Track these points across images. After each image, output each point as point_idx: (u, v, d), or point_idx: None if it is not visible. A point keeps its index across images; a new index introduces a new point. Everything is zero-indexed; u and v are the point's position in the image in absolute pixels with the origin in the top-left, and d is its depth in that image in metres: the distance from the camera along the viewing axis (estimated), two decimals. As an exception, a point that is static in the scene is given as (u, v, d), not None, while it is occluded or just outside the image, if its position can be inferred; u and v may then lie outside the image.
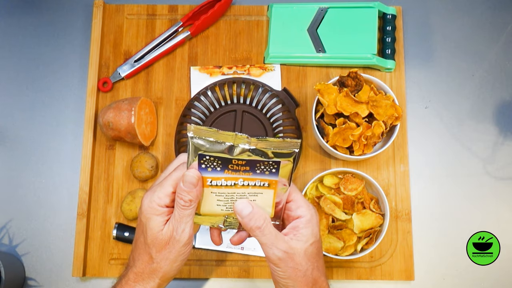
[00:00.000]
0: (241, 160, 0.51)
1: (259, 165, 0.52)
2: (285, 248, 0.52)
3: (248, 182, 0.52)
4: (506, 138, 0.88)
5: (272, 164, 0.52)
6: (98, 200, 0.86)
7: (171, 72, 0.91)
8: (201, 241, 0.83)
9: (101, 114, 0.84)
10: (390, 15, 0.90)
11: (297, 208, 0.54)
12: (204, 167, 0.52)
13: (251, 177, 0.52)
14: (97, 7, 0.91)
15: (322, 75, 0.90)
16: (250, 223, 0.52)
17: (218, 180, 0.53)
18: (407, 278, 0.83)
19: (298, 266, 0.52)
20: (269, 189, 0.53)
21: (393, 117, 0.81)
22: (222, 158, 0.51)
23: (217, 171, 0.52)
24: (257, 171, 0.52)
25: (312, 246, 0.53)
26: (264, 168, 0.52)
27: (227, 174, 0.52)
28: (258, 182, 0.53)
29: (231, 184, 0.53)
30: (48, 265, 0.84)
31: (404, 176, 0.86)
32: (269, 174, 0.52)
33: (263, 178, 0.52)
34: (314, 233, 0.53)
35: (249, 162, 0.51)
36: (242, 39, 0.92)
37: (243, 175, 0.52)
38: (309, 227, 0.53)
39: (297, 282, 0.53)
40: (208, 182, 0.53)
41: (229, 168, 0.52)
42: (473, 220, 0.85)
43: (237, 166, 0.52)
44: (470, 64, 0.91)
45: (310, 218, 0.53)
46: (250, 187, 0.53)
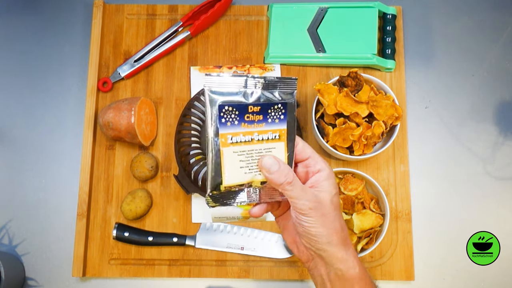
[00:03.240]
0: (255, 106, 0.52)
1: (270, 111, 0.53)
2: (314, 198, 0.54)
3: (262, 136, 0.53)
4: (506, 138, 0.88)
5: (280, 108, 0.53)
6: (98, 200, 0.86)
7: (171, 72, 0.91)
8: (201, 241, 0.83)
9: (101, 114, 0.84)
10: (390, 15, 0.90)
11: (315, 164, 0.56)
12: (224, 121, 0.51)
13: (264, 129, 0.53)
14: (97, 7, 0.91)
15: (322, 75, 0.90)
16: (280, 179, 0.53)
17: (237, 136, 0.52)
18: (407, 278, 0.83)
19: (327, 214, 0.55)
20: (280, 141, 0.54)
21: (393, 117, 0.81)
22: (239, 107, 0.52)
23: (235, 125, 0.52)
24: (269, 119, 0.53)
25: (335, 197, 0.56)
26: (274, 114, 0.53)
27: (244, 128, 0.52)
28: (270, 135, 0.53)
29: (249, 140, 0.53)
30: (48, 265, 0.84)
31: (404, 176, 0.86)
32: (279, 121, 0.53)
33: (274, 129, 0.53)
34: (334, 185, 0.56)
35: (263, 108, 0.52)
36: (242, 39, 0.92)
37: (257, 127, 0.53)
38: (330, 179, 0.56)
39: (329, 229, 0.55)
40: (229, 140, 0.52)
41: (245, 119, 0.52)
42: (473, 220, 0.85)
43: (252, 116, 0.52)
44: (470, 64, 0.91)
45: (329, 172, 0.56)
46: (264, 142, 0.53)
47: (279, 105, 0.53)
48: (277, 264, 0.83)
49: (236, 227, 0.84)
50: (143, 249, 0.84)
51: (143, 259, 0.84)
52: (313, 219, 0.54)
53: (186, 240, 0.83)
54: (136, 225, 0.85)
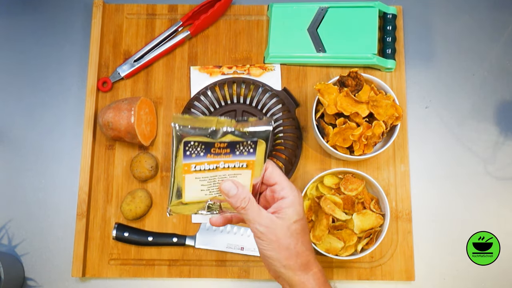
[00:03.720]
0: (223, 143, 0.54)
1: (238, 146, 0.55)
2: (267, 223, 0.57)
3: (228, 165, 0.56)
4: (506, 138, 0.88)
5: (250, 144, 0.55)
6: (97, 200, 0.86)
7: (171, 72, 0.91)
8: (201, 241, 0.83)
9: (100, 114, 0.83)
10: (391, 14, 0.90)
11: (281, 190, 0.58)
12: (189, 154, 0.55)
13: (231, 159, 0.56)
14: (96, 7, 0.91)
15: (322, 75, 0.90)
16: (237, 203, 0.56)
17: (202, 165, 0.55)
18: (407, 278, 0.82)
19: (280, 240, 0.57)
20: (247, 169, 0.57)
21: (393, 117, 0.81)
22: (205, 143, 0.54)
23: (200, 156, 0.55)
24: (237, 152, 0.55)
25: (295, 224, 0.58)
26: (243, 148, 0.55)
27: (210, 158, 0.55)
28: (237, 164, 0.56)
29: (213, 168, 0.56)
30: (48, 265, 0.84)
31: (405, 176, 0.86)
32: (247, 154, 0.56)
33: (242, 159, 0.56)
34: (298, 212, 0.58)
35: (230, 144, 0.55)
36: (242, 39, 0.92)
37: (224, 158, 0.55)
38: (292, 207, 0.58)
39: (280, 254, 0.57)
40: (192, 168, 0.56)
41: (211, 152, 0.55)
42: (473, 220, 0.85)
43: (219, 149, 0.55)
44: (470, 63, 0.91)
45: (293, 199, 0.58)
46: (230, 169, 0.56)
47: (248, 141, 0.55)
48: (277, 264, 0.83)
49: (236, 227, 0.84)
50: (143, 249, 0.84)
51: (143, 259, 0.84)
52: (266, 242, 0.57)
53: (186, 240, 0.83)
54: (136, 225, 0.85)
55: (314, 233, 0.79)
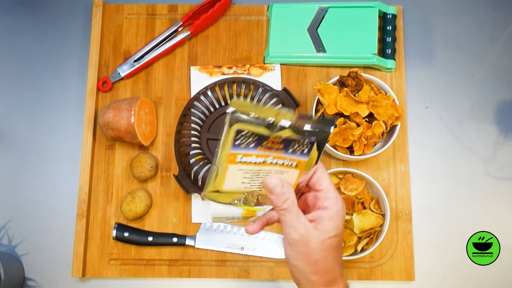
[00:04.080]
0: (278, 138, 0.50)
1: (293, 143, 0.51)
2: (302, 231, 0.53)
3: (277, 161, 0.52)
4: (506, 138, 0.88)
5: (307, 144, 0.51)
6: (97, 200, 0.86)
7: (171, 72, 0.91)
8: (201, 241, 0.83)
9: (100, 114, 0.83)
10: (391, 14, 0.90)
11: (325, 199, 0.54)
12: (238, 144, 0.50)
13: (282, 156, 0.52)
14: (96, 7, 0.91)
15: (322, 75, 0.90)
16: (278, 202, 0.53)
17: (249, 157, 0.51)
18: (407, 278, 0.82)
19: (311, 253, 0.53)
20: (295, 169, 0.53)
21: (393, 117, 0.81)
22: (259, 135, 0.50)
23: (250, 148, 0.51)
24: (290, 150, 0.51)
25: (331, 239, 0.54)
26: (297, 147, 0.51)
27: (260, 151, 0.51)
28: (287, 162, 0.52)
29: (261, 162, 0.52)
30: (48, 266, 0.84)
31: (405, 176, 0.86)
32: (300, 154, 0.52)
33: (293, 158, 0.52)
34: (337, 227, 0.54)
35: (285, 140, 0.51)
36: (242, 39, 0.92)
37: (274, 153, 0.51)
38: (333, 221, 0.54)
39: (307, 267, 0.54)
40: (238, 159, 0.51)
41: (263, 145, 0.51)
42: (473, 220, 0.85)
43: (272, 144, 0.51)
44: (470, 63, 0.91)
45: (336, 213, 0.54)
46: (277, 166, 0.52)
47: (305, 141, 0.51)
48: (277, 264, 0.83)
49: (236, 227, 0.84)
50: (143, 249, 0.84)
51: (143, 259, 0.84)
52: (295, 252, 0.54)
53: (186, 240, 0.83)
54: (136, 225, 0.85)
55: (314, 233, 0.79)
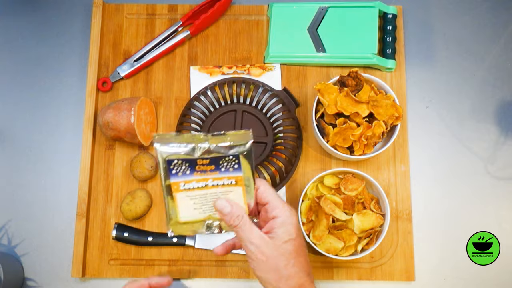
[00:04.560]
0: (205, 159, 0.55)
1: (222, 162, 0.55)
2: (257, 242, 0.56)
3: (217, 182, 0.56)
4: (507, 138, 0.88)
5: (233, 159, 0.55)
6: (97, 200, 0.86)
7: (171, 72, 0.91)
8: (201, 241, 0.83)
9: (100, 114, 0.83)
10: (391, 14, 0.90)
11: (272, 210, 0.58)
12: (175, 173, 0.56)
13: (219, 176, 0.56)
14: (96, 7, 0.91)
15: (322, 75, 0.90)
16: (230, 221, 0.56)
17: (190, 183, 0.56)
18: (407, 278, 0.82)
19: (269, 260, 0.56)
20: (237, 186, 0.57)
21: (393, 117, 0.81)
22: (188, 160, 0.55)
23: (187, 174, 0.56)
24: (222, 168, 0.56)
25: (286, 244, 0.56)
26: (227, 164, 0.55)
27: (197, 176, 0.56)
28: (226, 181, 0.56)
29: (203, 186, 0.56)
30: (47, 266, 0.84)
31: (405, 176, 0.86)
32: (233, 170, 0.56)
33: (229, 176, 0.56)
34: (289, 232, 0.57)
35: (212, 160, 0.55)
36: (242, 38, 0.92)
37: (211, 175, 0.56)
38: (284, 227, 0.57)
39: (269, 275, 0.57)
40: (182, 187, 0.56)
41: (196, 170, 0.55)
42: (473, 220, 0.85)
43: (203, 166, 0.55)
44: (470, 63, 0.91)
45: (285, 219, 0.57)
46: (220, 187, 0.57)
47: (230, 156, 0.55)
48: (277, 264, 0.83)
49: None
50: (143, 249, 0.84)
51: (142, 260, 0.84)
52: (256, 262, 0.56)
53: (186, 240, 0.83)
54: (135, 225, 0.85)
55: (314, 233, 0.79)
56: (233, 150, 0.55)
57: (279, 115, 0.86)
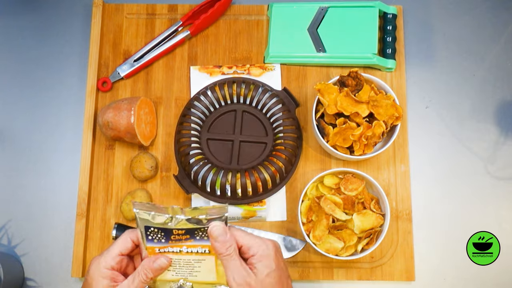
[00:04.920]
0: (180, 230, 0.57)
1: (197, 232, 0.57)
2: (244, 275, 0.57)
3: (191, 249, 0.58)
4: (507, 138, 0.88)
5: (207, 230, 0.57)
6: (97, 200, 0.86)
7: (170, 72, 0.91)
8: (201, 242, 0.83)
9: (100, 114, 0.83)
10: (391, 14, 0.90)
11: (248, 250, 0.59)
12: (151, 238, 0.58)
13: (193, 244, 0.58)
14: (96, 7, 0.91)
15: (322, 75, 0.90)
16: (222, 249, 0.57)
17: (165, 248, 0.58)
18: (407, 278, 0.82)
19: None
20: (210, 255, 0.58)
21: (393, 117, 0.81)
22: (164, 229, 0.57)
23: (162, 242, 0.58)
24: (197, 237, 0.57)
25: (268, 277, 0.58)
26: (202, 234, 0.57)
27: (172, 243, 0.58)
28: (200, 249, 0.58)
29: (177, 251, 0.58)
30: (47, 266, 0.84)
31: (405, 176, 0.86)
32: (208, 239, 0.57)
33: (204, 244, 0.58)
34: (268, 265, 0.58)
35: (188, 231, 0.57)
36: (242, 38, 0.92)
37: (185, 242, 0.58)
38: (262, 261, 0.58)
39: None
40: (156, 250, 0.58)
41: (171, 238, 0.57)
42: (473, 220, 0.85)
43: (179, 236, 0.57)
44: (471, 63, 0.91)
45: (262, 253, 0.58)
46: (193, 254, 0.58)
47: (205, 227, 0.57)
48: (277, 264, 0.83)
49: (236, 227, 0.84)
50: (143, 249, 0.84)
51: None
52: None
53: (186, 240, 0.83)
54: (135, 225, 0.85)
55: (314, 233, 0.79)
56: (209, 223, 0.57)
57: (279, 115, 0.86)
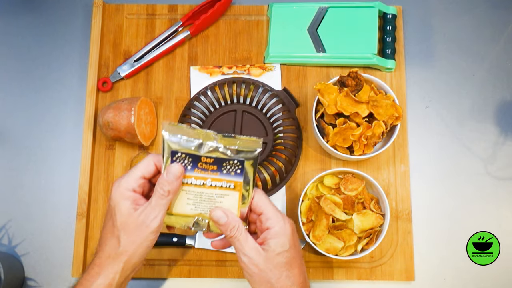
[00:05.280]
0: (209, 158, 0.55)
1: (225, 164, 0.55)
2: (251, 254, 0.56)
3: (215, 183, 0.56)
4: (506, 138, 0.88)
5: (237, 164, 0.55)
6: (97, 200, 0.86)
7: (171, 72, 0.91)
8: (201, 242, 0.83)
9: (100, 114, 0.83)
10: (391, 14, 0.90)
11: (266, 221, 0.57)
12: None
13: (218, 178, 0.56)
14: (96, 7, 0.91)
15: (322, 75, 0.90)
16: (226, 231, 0.57)
17: (189, 179, 0.56)
18: (407, 278, 0.82)
19: (262, 273, 0.56)
20: (234, 191, 0.57)
21: (393, 117, 0.81)
22: (192, 155, 0.55)
23: (188, 169, 0.56)
24: (224, 171, 0.55)
25: (279, 256, 0.56)
26: (230, 168, 0.55)
27: (197, 173, 0.56)
28: (224, 183, 0.56)
29: (201, 184, 0.56)
30: (48, 265, 0.84)
31: (405, 176, 0.86)
32: (235, 175, 0.56)
33: (229, 179, 0.56)
34: (282, 244, 0.56)
35: (216, 160, 0.55)
36: (242, 39, 0.92)
37: (211, 175, 0.56)
38: (276, 238, 0.56)
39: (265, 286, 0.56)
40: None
41: (198, 166, 0.55)
42: (473, 220, 0.85)
43: (206, 165, 0.55)
44: (470, 63, 0.91)
45: (278, 230, 0.57)
46: (217, 188, 0.56)
47: (235, 161, 0.55)
48: (277, 264, 0.83)
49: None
50: (143, 249, 0.84)
51: (143, 259, 0.84)
52: (248, 274, 0.57)
53: (186, 240, 0.83)
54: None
55: (314, 233, 0.79)
56: (240, 155, 0.55)
57: (279, 115, 0.86)
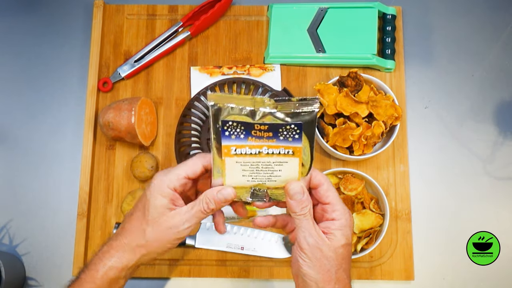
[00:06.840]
0: (263, 125, 0.51)
1: (281, 130, 0.51)
2: (317, 238, 0.54)
3: (272, 150, 0.52)
4: (506, 138, 0.88)
5: (294, 128, 0.51)
6: (98, 200, 0.86)
7: (171, 72, 0.91)
8: (201, 241, 0.83)
9: (101, 114, 0.84)
10: (390, 15, 0.90)
11: (332, 211, 0.56)
12: (228, 135, 0.51)
13: (275, 145, 0.52)
14: (97, 7, 0.91)
15: (322, 75, 0.90)
16: (297, 208, 0.54)
17: (243, 148, 0.52)
18: (407, 278, 0.83)
19: (324, 260, 0.54)
20: (294, 157, 0.52)
21: (393, 117, 0.81)
22: (244, 123, 0.51)
23: (241, 139, 0.51)
24: (280, 137, 0.51)
25: (342, 248, 0.55)
26: (287, 133, 0.51)
27: (251, 142, 0.52)
28: (282, 150, 0.52)
29: (256, 153, 0.52)
30: (48, 265, 0.84)
31: (404, 176, 0.86)
32: (293, 140, 0.51)
33: (287, 145, 0.52)
34: (346, 236, 0.55)
35: (271, 126, 0.51)
36: (242, 39, 0.92)
37: (266, 142, 0.51)
38: (341, 230, 0.55)
39: (319, 275, 0.54)
40: (233, 151, 0.52)
41: (252, 134, 0.51)
42: (473, 220, 0.85)
43: (260, 132, 0.51)
44: (470, 64, 0.91)
45: (345, 223, 0.55)
46: (275, 156, 0.52)
47: (292, 125, 0.51)
48: (277, 264, 0.83)
49: (236, 227, 0.84)
50: (143, 249, 0.84)
51: (143, 259, 0.84)
52: (308, 258, 0.54)
53: (186, 240, 0.83)
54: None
55: (314, 233, 0.79)
56: (297, 118, 0.51)
57: (279, 115, 0.86)
